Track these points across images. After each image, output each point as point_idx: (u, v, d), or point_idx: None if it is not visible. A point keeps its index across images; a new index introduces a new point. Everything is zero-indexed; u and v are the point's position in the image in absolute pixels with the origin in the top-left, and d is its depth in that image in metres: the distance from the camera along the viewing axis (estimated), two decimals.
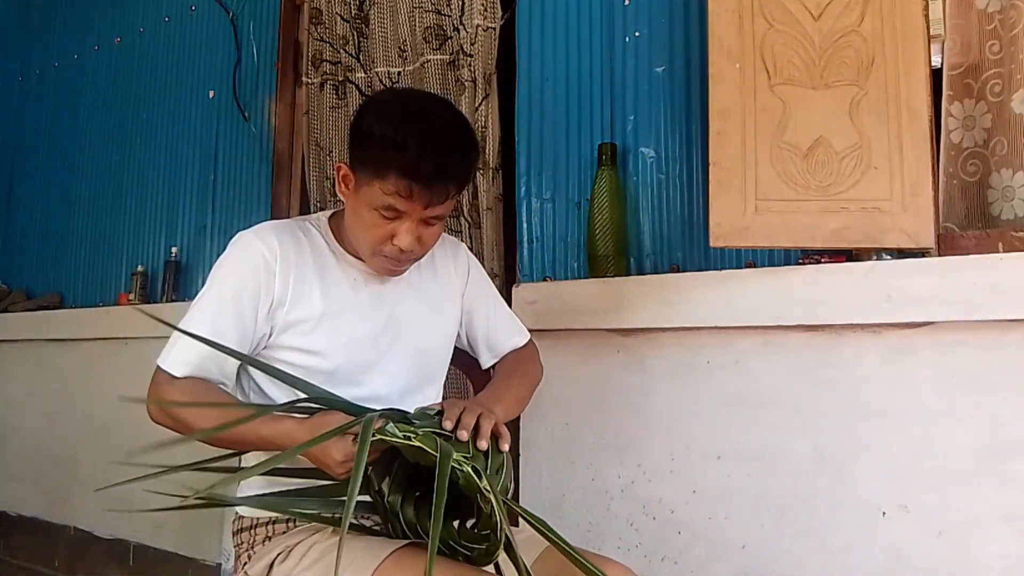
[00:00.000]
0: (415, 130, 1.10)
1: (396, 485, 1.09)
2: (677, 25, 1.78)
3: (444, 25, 2.16)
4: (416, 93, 1.28)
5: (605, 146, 1.79)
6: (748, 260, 1.64)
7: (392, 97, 1.23)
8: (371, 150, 1.12)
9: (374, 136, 1.11)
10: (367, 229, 1.17)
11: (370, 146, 1.12)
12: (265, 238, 1.19)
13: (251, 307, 1.16)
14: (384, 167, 1.10)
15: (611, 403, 1.74)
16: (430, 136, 1.11)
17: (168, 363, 1.15)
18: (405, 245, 1.16)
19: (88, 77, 3.20)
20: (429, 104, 1.20)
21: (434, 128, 1.12)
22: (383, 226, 1.15)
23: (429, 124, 1.12)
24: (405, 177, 1.09)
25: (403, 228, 1.15)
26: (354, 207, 1.18)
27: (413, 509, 1.09)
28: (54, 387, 3.01)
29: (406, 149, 1.08)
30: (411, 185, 1.10)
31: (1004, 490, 1.31)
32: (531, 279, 1.93)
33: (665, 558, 1.63)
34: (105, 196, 3.03)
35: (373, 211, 1.14)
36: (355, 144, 1.16)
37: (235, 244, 1.21)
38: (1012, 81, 1.46)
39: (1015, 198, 1.45)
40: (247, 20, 2.66)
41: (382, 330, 1.25)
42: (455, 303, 1.38)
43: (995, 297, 1.30)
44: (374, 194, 1.12)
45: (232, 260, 1.20)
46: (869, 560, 1.42)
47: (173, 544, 2.52)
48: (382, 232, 1.16)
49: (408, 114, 1.13)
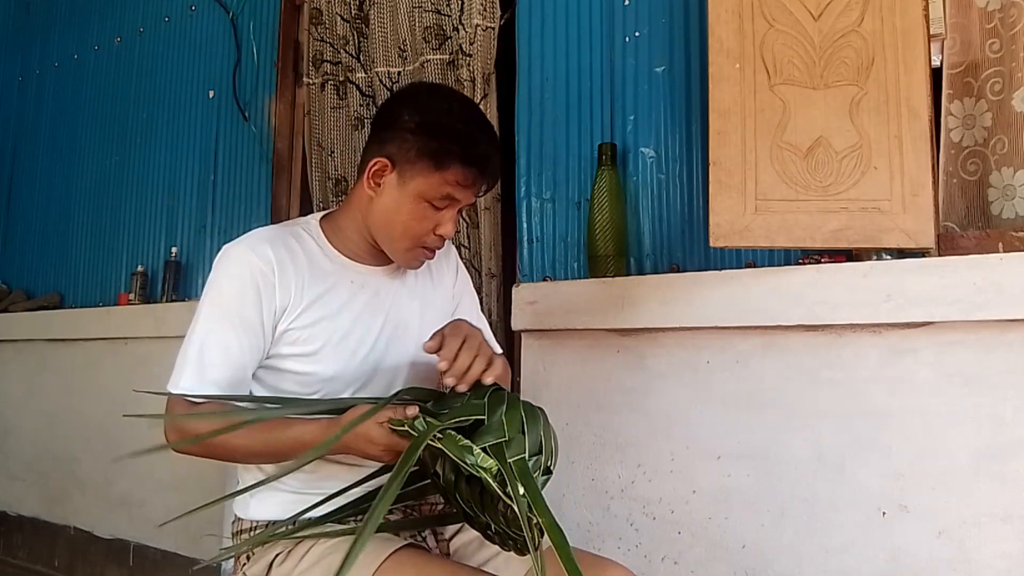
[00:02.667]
0: (475, 123, 1.17)
1: (450, 464, 1.05)
2: (677, 25, 1.78)
3: (444, 25, 2.16)
4: (446, 87, 1.36)
5: (605, 146, 1.79)
6: (748, 260, 1.64)
7: (435, 91, 1.28)
8: (432, 141, 1.14)
9: (438, 127, 1.14)
10: (414, 221, 1.18)
11: (431, 137, 1.14)
12: (258, 250, 1.15)
13: (256, 320, 1.14)
14: (447, 157, 1.13)
15: (611, 403, 1.74)
16: (487, 129, 1.19)
17: (182, 389, 1.12)
18: (449, 232, 1.20)
19: (88, 77, 3.20)
20: (465, 97, 1.29)
21: (486, 121, 1.22)
22: (431, 217, 1.18)
23: (482, 117, 1.22)
24: (470, 166, 1.14)
25: (448, 216, 1.19)
26: (396, 200, 1.18)
27: (467, 487, 1.05)
28: (54, 387, 3.01)
29: (474, 141, 1.14)
30: (476, 175, 1.16)
31: (1004, 490, 1.31)
32: (531, 279, 1.93)
33: (665, 558, 1.63)
34: (105, 196, 3.03)
35: (424, 202, 1.16)
36: (403, 137, 1.16)
37: (227, 258, 1.16)
38: (1012, 79, 1.46)
39: (1016, 196, 1.45)
40: (247, 20, 2.66)
41: (380, 331, 1.24)
42: (447, 301, 1.38)
43: (995, 297, 1.30)
44: (431, 184, 1.15)
45: (229, 275, 1.15)
46: (869, 560, 1.42)
47: (173, 544, 2.52)
48: (428, 223, 1.18)
49: (464, 107, 1.20)
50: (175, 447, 1.12)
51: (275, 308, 1.15)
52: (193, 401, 1.12)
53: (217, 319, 1.13)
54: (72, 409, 2.92)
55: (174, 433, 1.12)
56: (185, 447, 1.12)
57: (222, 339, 1.12)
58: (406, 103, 1.19)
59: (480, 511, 1.04)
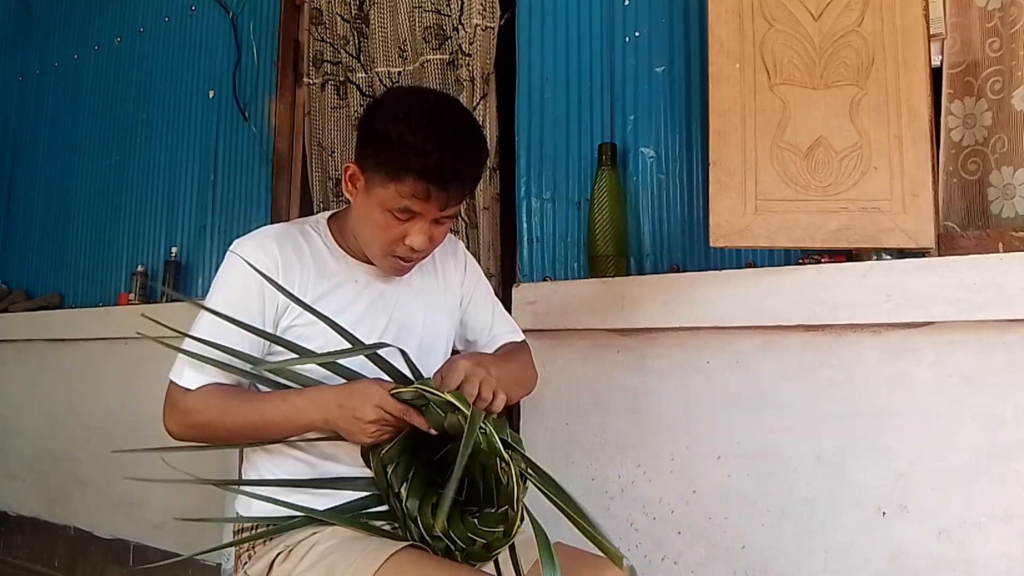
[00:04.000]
0: (433, 133, 1.08)
1: (414, 490, 1.11)
2: (677, 25, 1.78)
3: (443, 25, 2.16)
4: (425, 92, 1.26)
5: (605, 146, 1.79)
6: (748, 260, 1.64)
7: (404, 97, 1.18)
8: (386, 152, 1.10)
9: (390, 138, 1.09)
10: (379, 230, 1.16)
11: (385, 148, 1.10)
12: (265, 246, 1.17)
13: (259, 315, 1.15)
14: (400, 169, 1.09)
15: (611, 403, 1.74)
16: (447, 139, 1.09)
17: (182, 378, 1.14)
18: (418, 245, 1.15)
19: (88, 77, 3.20)
20: (441, 104, 1.17)
21: (450, 130, 1.12)
22: (395, 227, 1.14)
23: (445, 126, 1.11)
24: (423, 180, 1.09)
25: (416, 228, 1.14)
26: (364, 207, 1.17)
27: (431, 511, 1.10)
28: (54, 387, 3.01)
29: (425, 153, 1.07)
30: (429, 188, 1.09)
31: (1004, 490, 1.31)
32: (531, 279, 1.93)
33: (665, 558, 1.63)
34: (105, 196, 3.03)
35: (386, 212, 1.13)
36: (366, 145, 1.14)
37: (235, 254, 1.18)
38: (1012, 78, 1.46)
39: (1015, 196, 1.45)
40: (247, 20, 2.66)
41: (384, 331, 1.24)
42: (454, 300, 1.37)
43: (995, 297, 1.30)
44: (388, 195, 1.11)
45: (235, 270, 1.17)
46: (869, 560, 1.42)
47: (173, 544, 2.52)
48: (394, 233, 1.15)
49: (424, 116, 1.10)
50: (175, 434, 1.14)
51: (278, 304, 1.16)
52: (189, 389, 1.13)
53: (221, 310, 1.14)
54: (72, 409, 2.92)
55: (172, 420, 1.14)
56: (184, 434, 1.14)
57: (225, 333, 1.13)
58: (377, 109, 1.16)
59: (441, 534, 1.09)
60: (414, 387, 1.06)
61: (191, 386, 1.13)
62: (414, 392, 1.06)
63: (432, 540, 1.11)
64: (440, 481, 1.13)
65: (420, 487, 1.12)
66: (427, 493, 1.12)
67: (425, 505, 1.11)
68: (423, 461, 1.13)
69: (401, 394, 1.07)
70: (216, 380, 1.14)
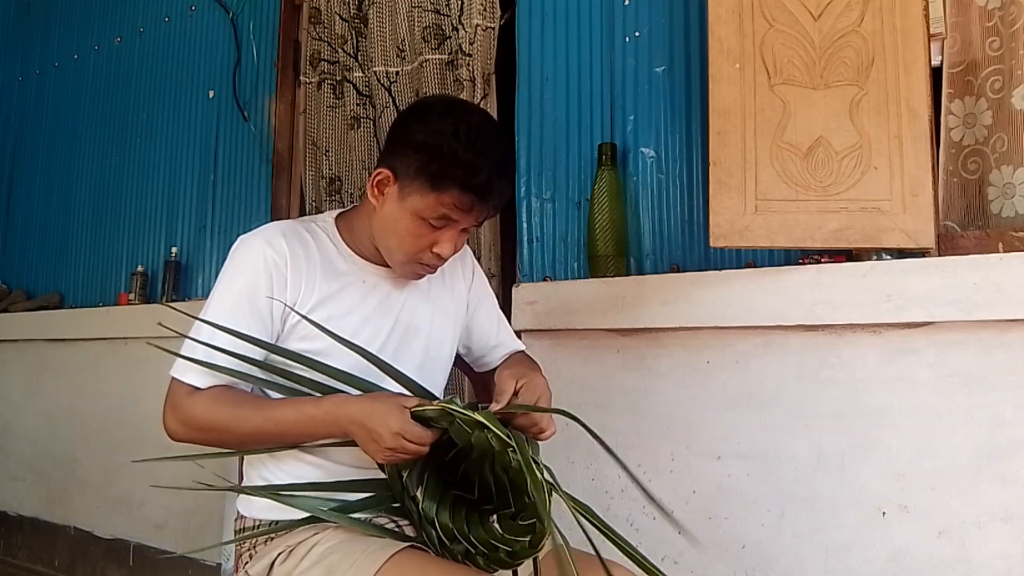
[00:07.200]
0: (484, 150, 1.10)
1: (430, 492, 1.11)
2: (677, 25, 1.78)
3: (443, 25, 2.16)
4: (466, 105, 1.28)
5: (605, 146, 1.79)
6: (748, 260, 1.64)
7: (447, 111, 1.17)
8: (434, 163, 1.10)
9: (440, 150, 1.09)
10: (409, 237, 1.15)
11: (433, 159, 1.10)
12: (272, 241, 1.16)
13: (267, 309, 1.14)
14: (447, 181, 1.10)
15: (611, 403, 1.74)
16: (495, 156, 1.12)
17: (187, 375, 1.12)
18: (447, 253, 1.17)
19: (88, 77, 3.20)
20: (485, 121, 1.19)
21: (498, 149, 1.15)
22: (427, 235, 1.15)
23: (492, 144, 1.14)
24: (469, 193, 1.10)
25: (446, 236, 1.15)
26: (395, 214, 1.16)
27: (449, 514, 1.10)
28: (54, 387, 3.01)
29: (476, 169, 1.09)
30: (473, 201, 1.11)
31: (1004, 490, 1.31)
32: (531, 279, 1.93)
33: (665, 558, 1.63)
34: (105, 196, 3.03)
35: (420, 220, 1.13)
36: (406, 153, 1.13)
37: (241, 247, 1.17)
38: (1012, 77, 1.46)
39: (1015, 195, 1.45)
40: (247, 20, 2.66)
41: (389, 334, 1.24)
42: (461, 305, 1.37)
43: (995, 297, 1.30)
44: (427, 204, 1.12)
45: (242, 263, 1.16)
46: (869, 560, 1.42)
47: (173, 544, 2.52)
48: (424, 241, 1.15)
49: (473, 131, 1.11)
50: (175, 435, 1.12)
51: (284, 299, 1.15)
52: (196, 388, 1.11)
53: (228, 307, 1.13)
54: (72, 409, 2.92)
55: (174, 420, 1.11)
56: (185, 435, 1.12)
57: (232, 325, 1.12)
58: (418, 117, 1.16)
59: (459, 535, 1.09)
60: (439, 405, 1.03)
61: (196, 384, 1.11)
62: (439, 411, 1.03)
63: (451, 543, 1.10)
64: (453, 481, 1.13)
65: (436, 490, 1.11)
66: (444, 495, 1.12)
67: (443, 508, 1.11)
68: (436, 461, 1.12)
69: (425, 411, 1.04)
70: (221, 380, 1.12)
